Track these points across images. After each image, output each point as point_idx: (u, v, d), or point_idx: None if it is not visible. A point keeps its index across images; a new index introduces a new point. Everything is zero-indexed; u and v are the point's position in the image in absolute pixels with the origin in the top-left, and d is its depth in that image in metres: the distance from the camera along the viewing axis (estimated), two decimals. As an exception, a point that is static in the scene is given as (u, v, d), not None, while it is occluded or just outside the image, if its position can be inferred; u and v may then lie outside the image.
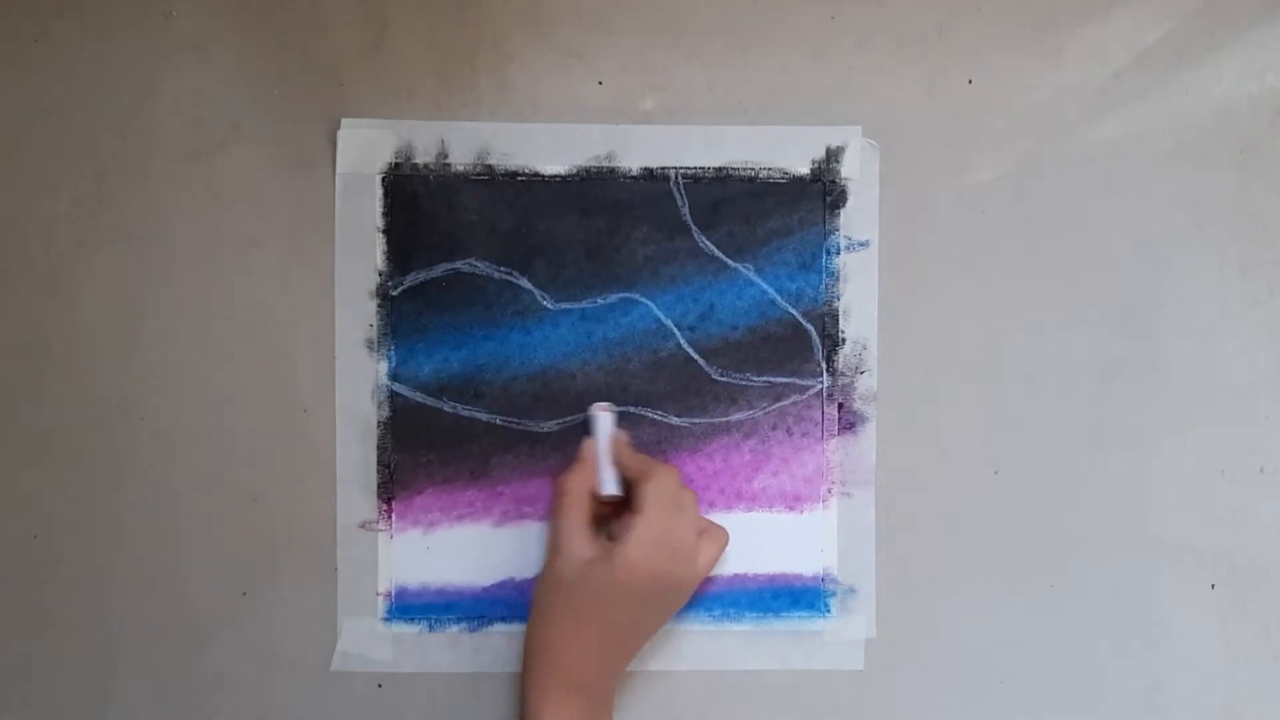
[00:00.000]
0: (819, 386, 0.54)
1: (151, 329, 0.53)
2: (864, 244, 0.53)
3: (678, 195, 0.53)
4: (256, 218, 0.53)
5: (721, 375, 0.53)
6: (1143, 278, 0.54)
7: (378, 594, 0.53)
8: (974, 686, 0.54)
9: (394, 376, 0.53)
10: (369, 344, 0.53)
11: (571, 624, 0.47)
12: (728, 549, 0.53)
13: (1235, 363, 0.54)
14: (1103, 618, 0.54)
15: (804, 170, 0.53)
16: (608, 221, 0.53)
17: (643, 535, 0.46)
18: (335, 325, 0.53)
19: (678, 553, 0.48)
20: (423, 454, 0.53)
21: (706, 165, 0.53)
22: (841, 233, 0.53)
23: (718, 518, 0.53)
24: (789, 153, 0.53)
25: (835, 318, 0.53)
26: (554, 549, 0.48)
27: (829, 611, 0.54)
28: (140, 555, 0.53)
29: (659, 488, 0.48)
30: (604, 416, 0.52)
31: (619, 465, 0.51)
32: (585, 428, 0.52)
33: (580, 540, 0.48)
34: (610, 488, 0.50)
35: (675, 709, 0.54)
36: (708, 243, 0.53)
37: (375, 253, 0.53)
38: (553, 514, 0.49)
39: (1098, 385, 0.54)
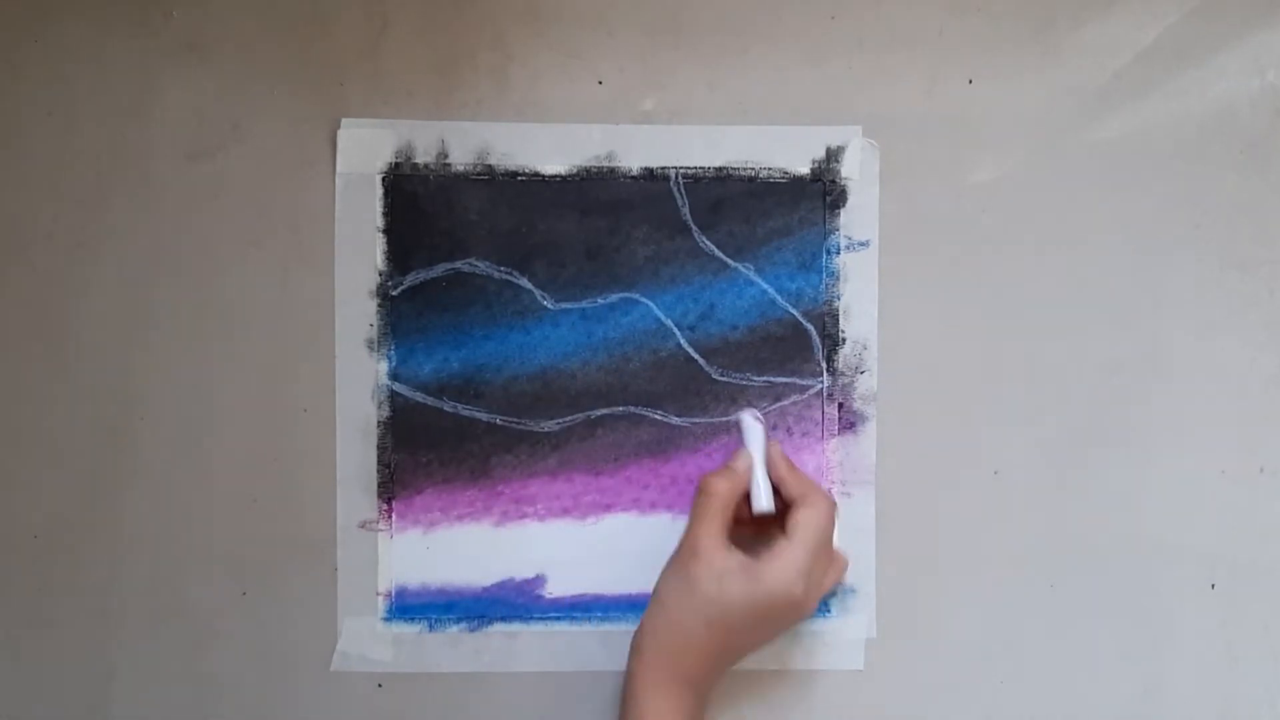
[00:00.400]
0: (819, 386, 0.54)
1: (151, 329, 0.53)
2: (864, 244, 0.53)
3: (678, 195, 0.53)
4: (256, 218, 0.53)
5: (721, 375, 0.53)
6: (1143, 277, 0.54)
7: (378, 594, 0.53)
8: (974, 686, 0.54)
9: (394, 376, 0.53)
10: (369, 344, 0.53)
11: (693, 626, 0.47)
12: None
13: (1235, 363, 0.54)
14: (1103, 618, 0.54)
15: (804, 170, 0.53)
16: (608, 221, 0.53)
17: (790, 564, 0.46)
18: (335, 325, 0.53)
19: (813, 582, 0.47)
20: (423, 454, 0.53)
21: (706, 165, 0.53)
22: (841, 233, 0.53)
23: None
24: (789, 153, 0.53)
25: (835, 318, 0.53)
26: (691, 551, 0.47)
27: (829, 611, 0.54)
28: (140, 555, 0.53)
29: (819, 521, 0.48)
30: (756, 426, 0.51)
31: (776, 480, 0.50)
32: (736, 434, 0.52)
33: (720, 549, 0.47)
34: (765, 504, 0.49)
35: (675, 709, 0.53)
36: (708, 243, 0.53)
37: (375, 253, 0.53)
38: (694, 512, 0.48)
39: (1098, 385, 0.54)
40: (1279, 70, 0.53)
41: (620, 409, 0.53)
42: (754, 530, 0.50)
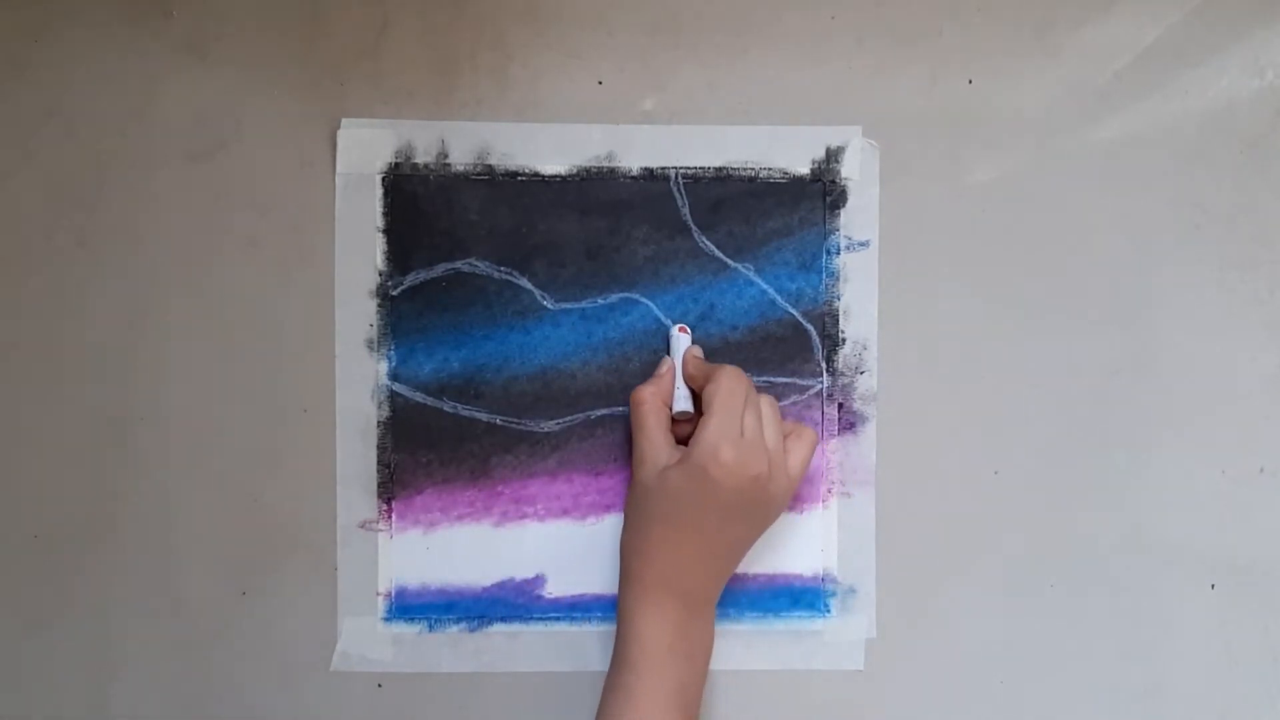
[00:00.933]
0: (819, 386, 0.54)
1: (151, 329, 0.53)
2: (864, 244, 0.53)
3: (678, 195, 0.53)
4: (256, 218, 0.53)
5: (721, 375, 0.53)
6: (1143, 278, 0.54)
7: (378, 594, 0.53)
8: (974, 686, 0.54)
9: (394, 376, 0.53)
10: (369, 344, 0.53)
11: (660, 530, 0.47)
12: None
13: (1235, 363, 0.54)
14: (1103, 618, 0.54)
15: (804, 170, 0.53)
16: (608, 221, 0.53)
17: (712, 432, 0.46)
18: (335, 325, 0.53)
19: (755, 448, 0.46)
20: (423, 454, 0.53)
21: (706, 165, 0.53)
22: (841, 233, 0.53)
23: (718, 518, 0.53)
24: (789, 153, 0.53)
25: (835, 318, 0.53)
26: (637, 461, 0.48)
27: (829, 611, 0.54)
28: (140, 555, 0.53)
29: (727, 385, 0.47)
30: (681, 337, 0.52)
31: (688, 378, 0.51)
32: (666, 347, 0.53)
33: (660, 447, 0.48)
34: (683, 404, 0.50)
35: (675, 709, 0.53)
36: (708, 243, 0.53)
37: (375, 253, 0.53)
38: (633, 429, 0.49)
39: (1097, 385, 0.54)
40: (1279, 70, 0.53)
41: (620, 409, 0.53)
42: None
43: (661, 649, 0.46)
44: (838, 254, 0.53)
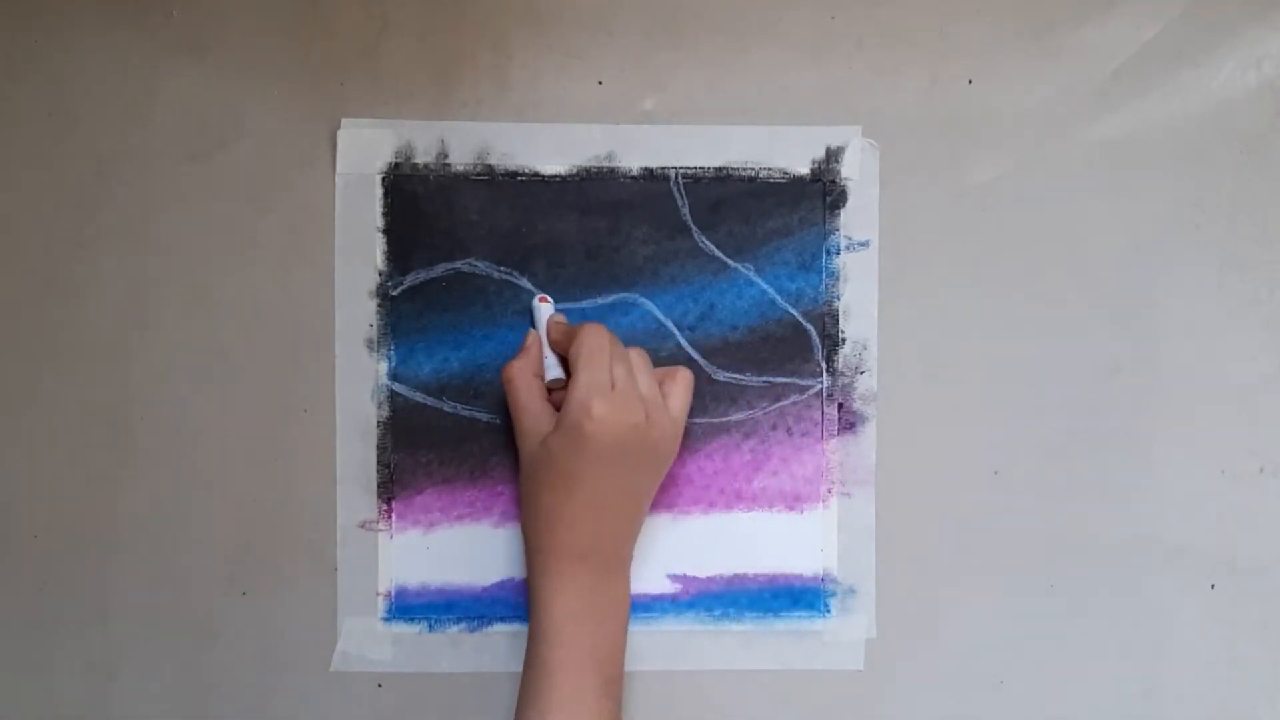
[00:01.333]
0: (819, 386, 0.54)
1: (151, 329, 0.53)
2: (864, 244, 0.53)
3: (678, 195, 0.53)
4: (256, 218, 0.53)
5: (721, 375, 0.53)
6: (1142, 277, 0.54)
7: (378, 594, 0.53)
8: (974, 686, 0.54)
9: (394, 376, 0.53)
10: (369, 344, 0.53)
11: (550, 498, 0.46)
12: (729, 546, 0.53)
13: (1235, 363, 0.54)
14: (1103, 618, 0.54)
15: (804, 170, 0.53)
16: (608, 221, 0.53)
17: (581, 389, 0.45)
18: (335, 325, 0.53)
19: (628, 397, 0.45)
20: (423, 454, 0.53)
21: (706, 165, 0.53)
22: (841, 233, 0.53)
23: (718, 518, 0.53)
24: (789, 153, 0.53)
25: (835, 318, 0.53)
26: (519, 436, 0.48)
27: (829, 611, 0.54)
28: (140, 555, 0.53)
29: (585, 344, 0.46)
30: (542, 307, 0.51)
31: (554, 345, 0.50)
32: (530, 321, 0.52)
33: (538, 417, 0.48)
34: (553, 371, 0.50)
35: (675, 709, 0.53)
36: (708, 243, 0.53)
37: (375, 253, 0.53)
38: (509, 406, 0.49)
39: (1097, 385, 0.54)
40: (1278, 70, 0.53)
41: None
42: None
43: (569, 617, 0.46)
44: (838, 254, 0.53)
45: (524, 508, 0.48)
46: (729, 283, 0.53)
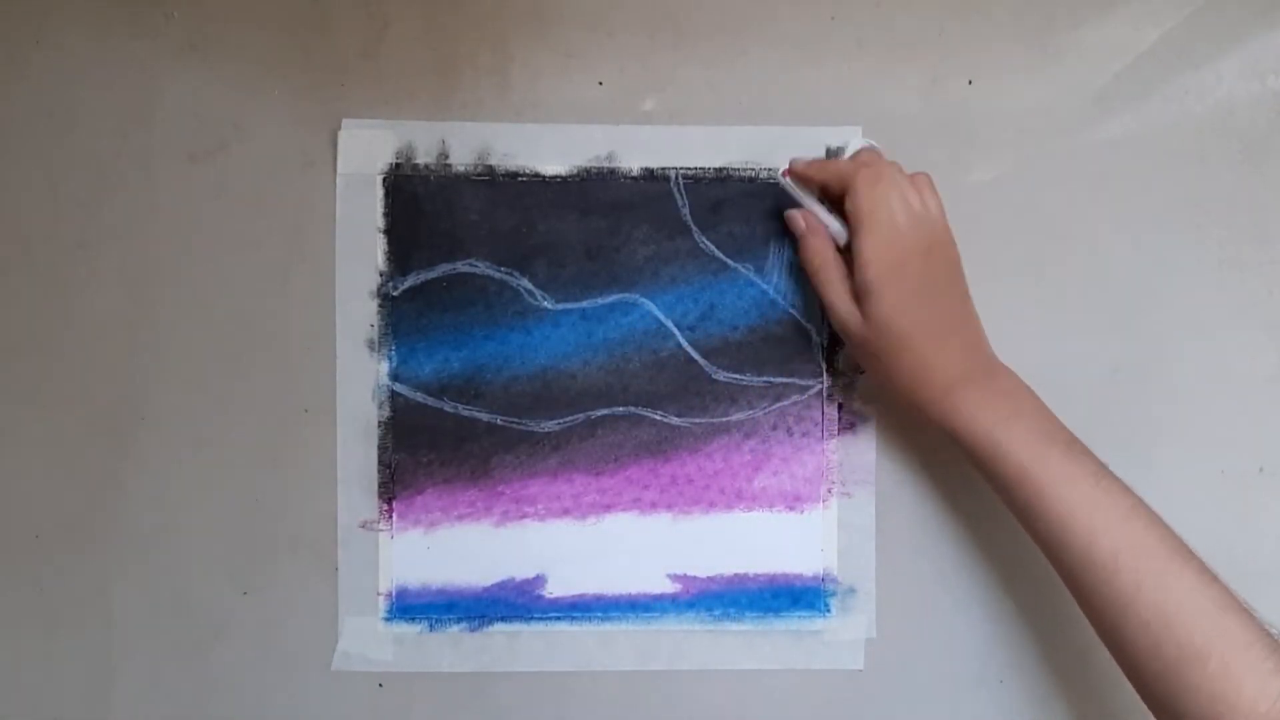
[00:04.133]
0: (819, 386, 0.54)
1: (151, 329, 0.53)
2: (864, 244, 0.53)
3: (678, 195, 0.53)
4: (256, 218, 0.53)
5: (721, 375, 0.53)
6: (1143, 278, 0.54)
7: (378, 594, 0.53)
8: (974, 686, 0.54)
9: (394, 376, 0.53)
10: (369, 344, 0.53)
11: (905, 359, 0.46)
12: (729, 546, 0.53)
13: (1235, 363, 0.54)
14: (1103, 617, 0.54)
15: (804, 170, 0.53)
16: (608, 221, 0.53)
17: (864, 261, 0.45)
18: (336, 325, 0.53)
19: (909, 232, 0.45)
20: (423, 454, 0.53)
21: (706, 165, 0.53)
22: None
23: (717, 518, 0.53)
24: (789, 153, 0.53)
25: (835, 318, 0.53)
26: (840, 328, 0.48)
27: (829, 611, 0.54)
28: (140, 555, 0.53)
29: (860, 199, 0.45)
30: (787, 181, 0.50)
31: (825, 199, 0.49)
32: (788, 199, 0.51)
33: (850, 308, 0.47)
34: (841, 235, 0.48)
35: (675, 709, 0.54)
36: (708, 243, 0.53)
37: (376, 253, 0.53)
38: (821, 293, 0.48)
39: (1098, 385, 0.54)
40: (1278, 71, 0.53)
41: (620, 409, 0.53)
42: None
43: (996, 426, 0.45)
44: (838, 254, 0.53)
45: (904, 387, 0.47)
46: (729, 283, 0.53)
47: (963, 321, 0.48)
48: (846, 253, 0.48)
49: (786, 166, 0.50)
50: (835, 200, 0.48)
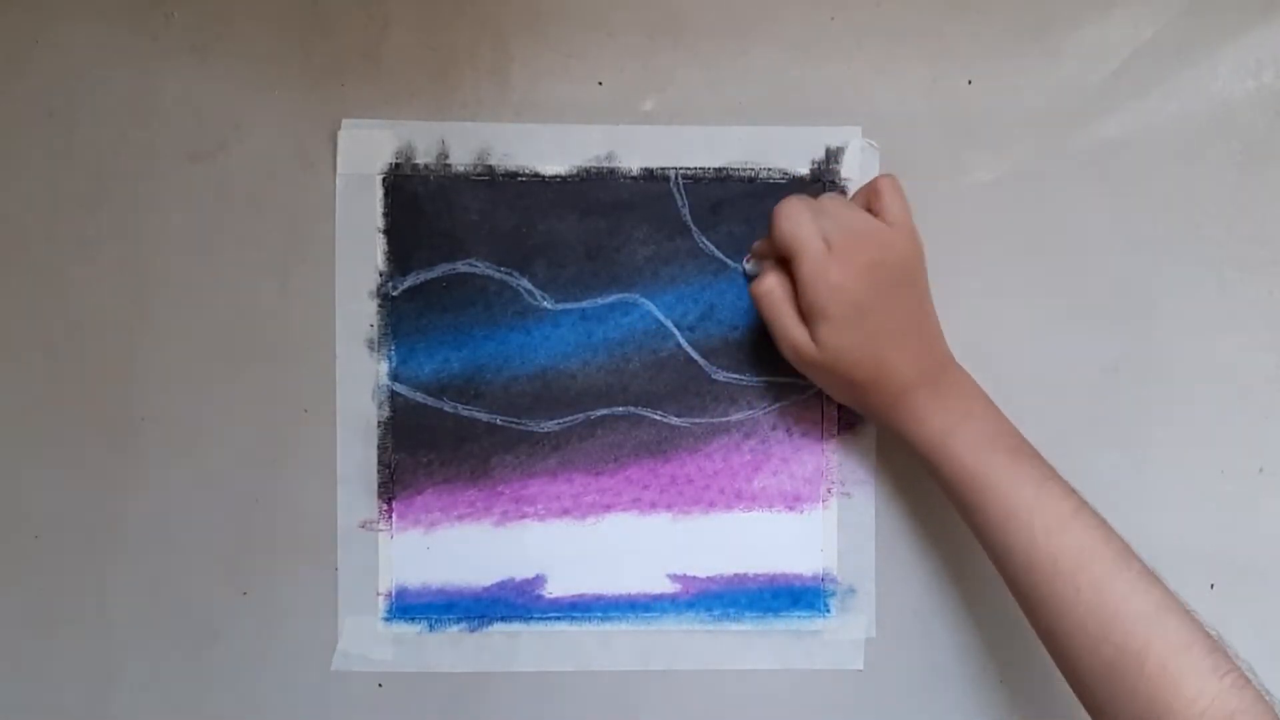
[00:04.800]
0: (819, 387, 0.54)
1: (151, 329, 0.53)
2: (864, 244, 0.53)
3: (678, 195, 0.53)
4: (256, 218, 0.53)
5: (721, 375, 0.53)
6: (1142, 277, 0.54)
7: (378, 594, 0.53)
8: (974, 686, 0.54)
9: (394, 376, 0.53)
10: (369, 344, 0.53)
11: (864, 371, 0.46)
12: (729, 546, 0.53)
13: (1235, 363, 0.54)
14: (1103, 618, 0.54)
15: (804, 170, 0.53)
16: (608, 221, 0.53)
17: (806, 277, 0.44)
18: (335, 325, 0.53)
19: (849, 249, 0.45)
20: (423, 454, 0.53)
21: (706, 165, 0.53)
22: (841, 233, 0.53)
23: (718, 518, 0.53)
24: (789, 153, 0.53)
25: (835, 318, 0.53)
26: (789, 354, 0.47)
27: (829, 611, 0.54)
28: (140, 555, 0.53)
29: (784, 230, 0.45)
30: (748, 266, 0.51)
31: (768, 253, 0.48)
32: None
33: (801, 332, 0.46)
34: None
35: (675, 709, 0.54)
36: (708, 243, 0.53)
37: (375, 253, 0.53)
38: (770, 325, 0.48)
39: (1097, 385, 0.54)
40: (1278, 71, 0.53)
41: (620, 409, 0.53)
42: None
43: (946, 435, 0.45)
44: (838, 254, 0.53)
45: (864, 402, 0.48)
46: (729, 283, 0.53)
47: (920, 322, 0.48)
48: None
49: (747, 260, 0.51)
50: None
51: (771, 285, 0.47)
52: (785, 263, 0.46)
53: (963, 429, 0.46)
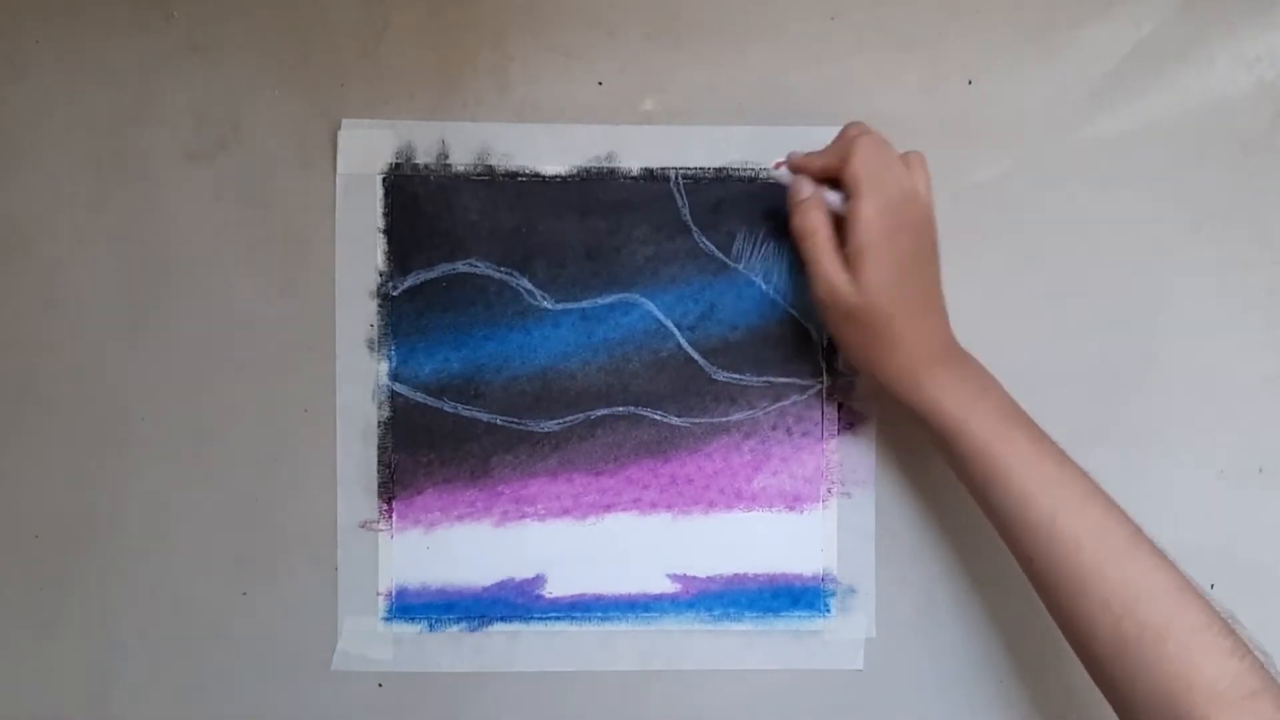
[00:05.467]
0: (819, 386, 0.54)
1: (151, 329, 0.53)
2: (864, 244, 0.53)
3: (678, 195, 0.53)
4: (256, 218, 0.53)
5: (721, 375, 0.53)
6: (1142, 277, 0.54)
7: (378, 594, 0.53)
8: (974, 686, 0.54)
9: (394, 376, 0.53)
10: (369, 344, 0.53)
11: (887, 334, 0.46)
12: (729, 546, 0.53)
13: (1235, 363, 0.54)
14: (1103, 618, 0.54)
15: (804, 170, 0.53)
16: (608, 221, 0.53)
17: (874, 215, 0.45)
18: (335, 325, 0.53)
19: (903, 204, 0.45)
20: (423, 454, 0.53)
21: (706, 165, 0.53)
22: (841, 233, 0.53)
23: (718, 518, 0.53)
24: (789, 153, 0.53)
25: (835, 318, 0.53)
26: (828, 295, 0.47)
27: (829, 611, 0.54)
28: (140, 555, 0.53)
29: (856, 166, 0.45)
30: (781, 171, 0.50)
31: (820, 175, 0.48)
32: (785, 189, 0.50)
33: (840, 274, 0.46)
34: (839, 204, 0.47)
35: (676, 709, 0.54)
36: (708, 243, 0.53)
37: (376, 253, 0.53)
38: (809, 258, 0.47)
39: (1098, 385, 0.54)
40: (1276, 69, 0.53)
41: (620, 409, 0.53)
42: None
43: (967, 412, 0.45)
44: (838, 254, 0.53)
45: (875, 362, 0.47)
46: (729, 283, 0.53)
47: (936, 304, 0.48)
48: (839, 230, 0.47)
49: (782, 159, 0.50)
50: (831, 185, 0.48)
51: (818, 225, 0.47)
52: (832, 183, 0.47)
53: (982, 405, 0.46)
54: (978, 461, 0.45)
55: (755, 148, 0.53)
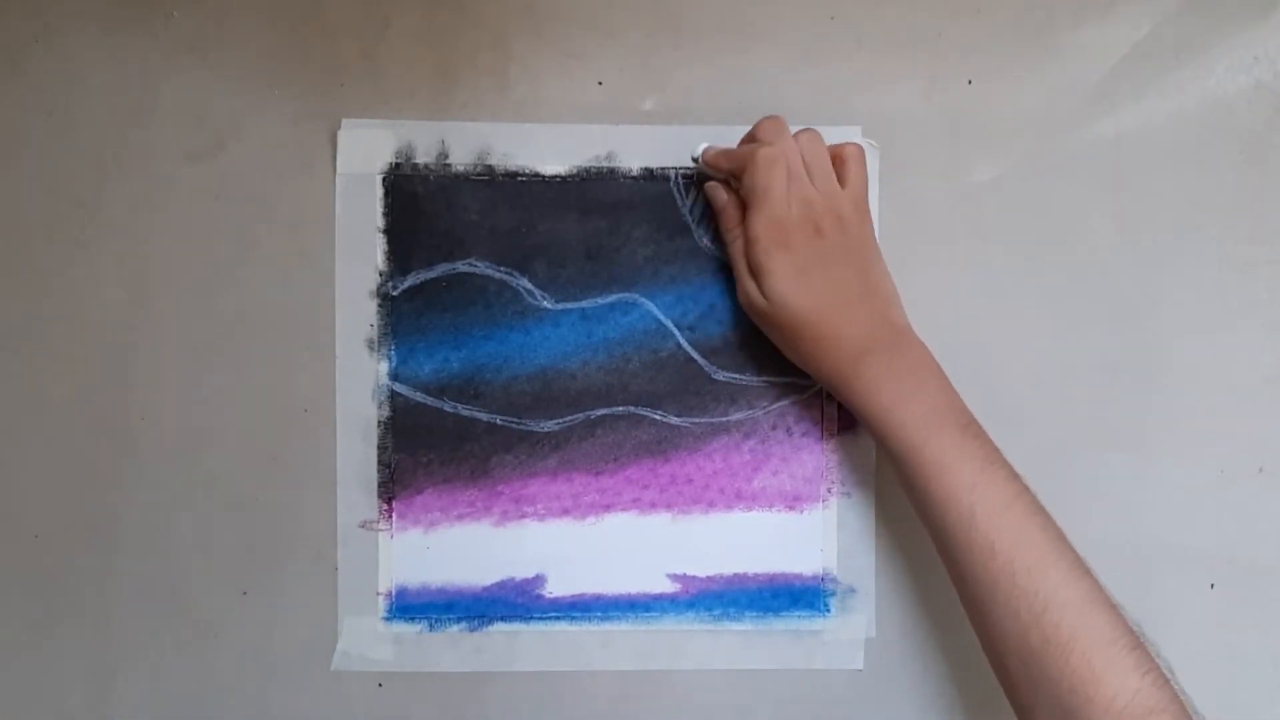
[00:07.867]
0: (819, 386, 0.54)
1: (151, 329, 0.53)
2: (864, 244, 0.53)
3: (678, 195, 0.53)
4: (256, 218, 0.53)
5: (721, 375, 0.53)
6: (1142, 277, 0.54)
7: (378, 594, 0.53)
8: (974, 686, 0.54)
9: (394, 376, 0.53)
10: (369, 344, 0.53)
11: (808, 334, 0.47)
12: (729, 546, 0.53)
13: (1235, 363, 0.54)
14: (1103, 617, 0.54)
15: (804, 170, 0.53)
16: (608, 221, 0.53)
17: (759, 230, 0.46)
18: (335, 325, 0.53)
19: (796, 212, 0.46)
20: (423, 454, 0.53)
21: (706, 165, 0.53)
22: (841, 233, 0.53)
23: (717, 518, 0.53)
24: (789, 153, 0.53)
25: (835, 318, 0.53)
26: (745, 304, 0.49)
27: (829, 611, 0.54)
28: (140, 555, 0.53)
29: (746, 182, 0.47)
30: (703, 167, 0.51)
31: (730, 177, 0.50)
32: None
33: (752, 284, 0.48)
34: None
35: (676, 709, 0.54)
36: (708, 243, 0.53)
37: (375, 253, 0.53)
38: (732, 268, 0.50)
39: (1097, 385, 0.54)
40: (1275, 69, 0.53)
41: (620, 409, 0.53)
42: None
43: (892, 405, 0.45)
44: (838, 254, 0.53)
45: (814, 364, 0.48)
46: (729, 283, 0.53)
47: (869, 292, 0.48)
48: None
49: (701, 150, 0.51)
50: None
51: (735, 235, 0.49)
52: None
53: (912, 402, 0.45)
54: (902, 461, 0.45)
55: (755, 148, 0.53)
